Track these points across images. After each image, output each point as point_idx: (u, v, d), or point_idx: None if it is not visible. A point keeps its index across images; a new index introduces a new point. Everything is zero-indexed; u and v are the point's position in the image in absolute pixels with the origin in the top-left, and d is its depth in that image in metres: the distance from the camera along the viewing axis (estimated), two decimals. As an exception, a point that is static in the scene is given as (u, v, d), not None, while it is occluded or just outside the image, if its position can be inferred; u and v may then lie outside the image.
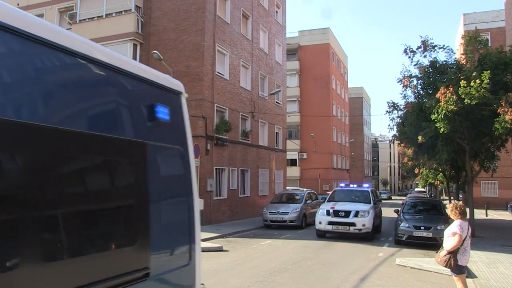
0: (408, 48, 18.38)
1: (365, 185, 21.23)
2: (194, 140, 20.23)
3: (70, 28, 24.08)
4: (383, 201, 61.88)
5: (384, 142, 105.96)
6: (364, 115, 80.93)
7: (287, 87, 38.77)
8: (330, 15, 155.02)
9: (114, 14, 23.10)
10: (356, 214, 16.56)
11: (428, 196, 47.34)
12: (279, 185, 31.43)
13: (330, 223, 16.70)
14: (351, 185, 21.12)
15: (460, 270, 7.10)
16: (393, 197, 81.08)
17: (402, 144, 25.11)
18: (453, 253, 6.97)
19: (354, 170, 71.00)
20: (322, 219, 17.04)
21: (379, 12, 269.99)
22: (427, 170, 34.49)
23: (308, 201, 22.83)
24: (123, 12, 22.74)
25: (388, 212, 32.79)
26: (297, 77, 52.81)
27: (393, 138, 23.45)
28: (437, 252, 7.42)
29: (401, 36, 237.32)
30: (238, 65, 25.23)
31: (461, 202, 7.82)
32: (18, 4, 26.68)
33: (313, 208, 22.10)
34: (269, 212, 21.63)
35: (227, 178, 23.47)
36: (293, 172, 47.71)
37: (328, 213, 16.98)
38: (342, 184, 21.45)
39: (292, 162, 49.68)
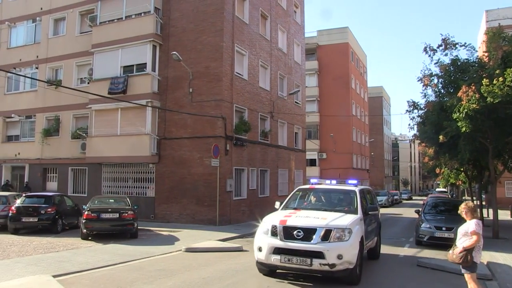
0: (428, 47, 18.10)
1: (351, 181, 12.23)
2: (214, 141, 20.53)
3: (91, 31, 24.48)
4: (403, 201, 61.66)
5: (404, 141, 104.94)
6: (384, 114, 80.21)
7: (306, 87, 38.67)
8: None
9: (133, 16, 23.34)
10: (326, 234, 8.76)
11: (449, 197, 46.67)
12: (298, 185, 31.21)
13: (277, 251, 8.92)
14: (326, 181, 12.78)
15: (474, 267, 7.20)
16: (413, 197, 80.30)
17: (423, 144, 24.80)
18: (469, 250, 7.07)
19: (374, 170, 70.40)
20: (263, 243, 9.18)
21: (399, 10, 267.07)
22: (449, 170, 33.98)
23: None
24: (142, 14, 22.96)
25: (408, 213, 32.47)
26: (316, 77, 52.61)
27: (414, 137, 23.15)
28: (449, 250, 7.52)
29: (421, 34, 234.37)
30: (257, 65, 25.24)
31: (472, 202, 7.99)
32: (41, 8, 27.30)
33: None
34: (288, 212, 21.53)
35: (246, 178, 23.51)
36: (313, 172, 47.50)
37: (274, 230, 9.12)
38: (314, 180, 12.70)
39: (312, 162, 49.55)
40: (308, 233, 8.84)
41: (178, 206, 21.64)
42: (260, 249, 9.24)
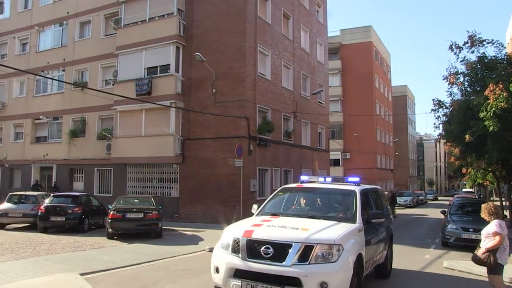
0: (454, 44, 17.81)
1: (352, 178, 9.24)
2: (237, 141, 20.59)
3: (116, 33, 24.86)
4: (429, 202, 60.58)
5: (429, 141, 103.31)
6: (408, 113, 79.10)
7: (330, 86, 38.45)
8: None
9: (157, 18, 23.59)
10: (306, 252, 6.30)
11: (476, 197, 45.71)
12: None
13: (238, 273, 6.53)
14: (319, 178, 9.57)
15: (498, 269, 7.12)
16: (439, 198, 79.02)
17: (449, 143, 24.38)
18: (493, 251, 7.03)
19: (399, 170, 69.46)
20: (220, 261, 6.83)
21: (423, 7, 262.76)
22: (475, 170, 33.28)
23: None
24: (165, 16, 23.21)
25: (434, 213, 31.97)
26: (339, 76, 52.23)
27: (439, 137, 22.80)
28: (473, 252, 7.51)
29: (447, 31, 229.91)
30: (280, 65, 25.21)
31: (493, 203, 7.92)
32: (68, 13, 27.87)
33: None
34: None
35: (270, 178, 23.51)
36: (336, 172, 47.20)
37: (235, 246, 6.74)
38: (304, 177, 9.65)
39: (335, 162, 49.21)
40: (280, 250, 6.34)
41: (202, 206, 21.78)
42: (217, 270, 6.83)
